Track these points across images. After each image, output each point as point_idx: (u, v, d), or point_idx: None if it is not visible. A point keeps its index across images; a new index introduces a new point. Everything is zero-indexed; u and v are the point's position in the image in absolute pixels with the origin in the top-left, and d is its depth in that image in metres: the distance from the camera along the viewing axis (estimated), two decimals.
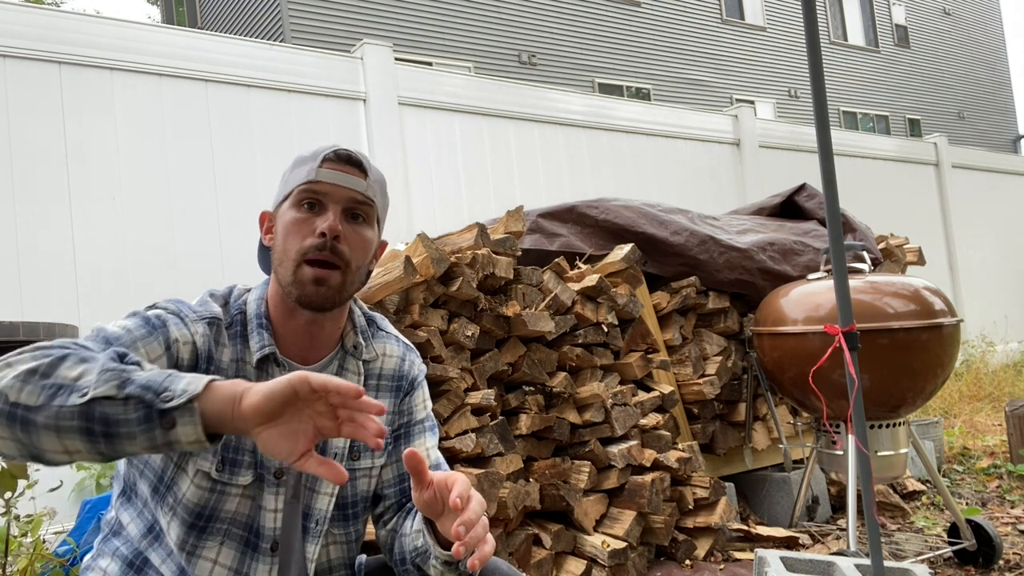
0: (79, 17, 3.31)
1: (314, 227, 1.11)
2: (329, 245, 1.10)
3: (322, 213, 1.12)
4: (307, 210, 1.12)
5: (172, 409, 0.84)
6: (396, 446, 1.27)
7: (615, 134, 5.24)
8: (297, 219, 1.12)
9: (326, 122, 3.94)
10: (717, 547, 2.65)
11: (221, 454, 1.10)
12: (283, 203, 1.16)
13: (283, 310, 1.16)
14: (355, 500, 1.23)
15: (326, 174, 1.12)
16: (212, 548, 1.10)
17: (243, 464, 1.11)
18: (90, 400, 0.84)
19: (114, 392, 0.84)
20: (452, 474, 1.01)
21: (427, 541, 1.09)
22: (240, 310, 1.17)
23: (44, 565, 2.05)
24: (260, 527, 1.13)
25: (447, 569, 1.10)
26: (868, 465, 1.93)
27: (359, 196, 1.14)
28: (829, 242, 1.95)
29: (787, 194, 3.89)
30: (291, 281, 1.11)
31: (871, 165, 7.04)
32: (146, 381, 0.86)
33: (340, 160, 1.14)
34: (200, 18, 12.99)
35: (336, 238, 1.10)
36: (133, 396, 0.84)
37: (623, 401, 2.66)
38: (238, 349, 1.14)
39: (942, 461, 3.87)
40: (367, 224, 1.16)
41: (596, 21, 12.29)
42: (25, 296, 2.98)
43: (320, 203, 1.12)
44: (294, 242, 1.11)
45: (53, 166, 3.13)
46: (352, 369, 1.22)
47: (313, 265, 1.10)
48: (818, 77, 1.86)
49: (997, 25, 19.96)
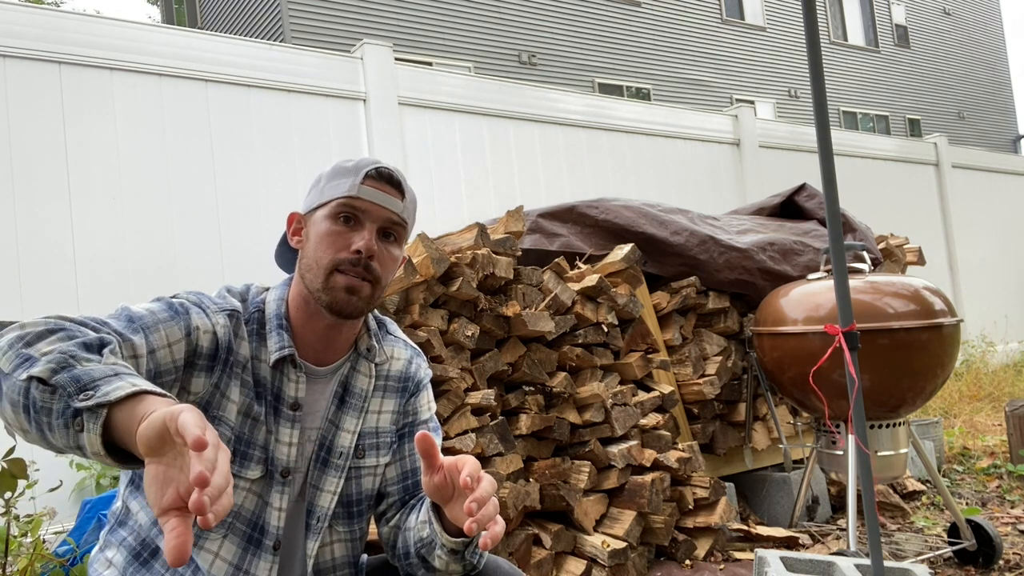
0: (79, 17, 3.31)
1: (349, 242, 1.13)
2: (364, 262, 1.12)
3: (358, 229, 1.14)
4: (343, 223, 1.14)
5: (81, 410, 0.77)
6: (400, 445, 1.28)
7: (615, 134, 5.23)
8: (333, 231, 1.14)
9: (326, 122, 3.94)
10: (717, 547, 2.65)
11: (233, 446, 1.10)
12: (318, 210, 1.17)
13: (304, 313, 1.17)
14: (359, 498, 1.24)
15: (367, 192, 1.14)
16: (215, 541, 1.11)
17: (253, 458, 1.12)
18: (28, 378, 0.80)
19: (47, 375, 0.80)
20: (462, 457, 1.02)
21: (434, 530, 1.10)
22: (258, 308, 1.18)
23: (44, 565, 2.05)
24: (265, 524, 1.13)
25: (452, 559, 1.10)
26: (868, 465, 1.93)
27: (395, 218, 1.16)
28: (829, 242, 1.95)
29: (787, 194, 3.89)
30: (321, 288, 1.13)
31: (871, 165, 7.03)
32: (83, 373, 0.80)
33: (382, 179, 1.16)
34: (200, 18, 12.99)
35: (371, 257, 1.13)
36: (60, 385, 0.79)
37: (623, 401, 2.66)
38: (254, 347, 1.15)
39: (942, 461, 3.87)
40: (397, 244, 1.19)
41: (596, 21, 12.29)
42: (25, 295, 2.98)
43: (357, 219, 1.14)
44: (328, 252, 1.13)
45: (53, 166, 3.13)
46: (363, 371, 1.24)
47: (346, 274, 1.12)
48: (818, 77, 1.86)
49: (997, 25, 19.96)
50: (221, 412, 1.10)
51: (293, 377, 1.16)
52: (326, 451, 1.19)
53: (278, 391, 1.15)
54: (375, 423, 1.25)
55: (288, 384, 1.16)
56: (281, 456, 1.14)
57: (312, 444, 1.19)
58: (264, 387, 1.15)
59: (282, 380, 1.16)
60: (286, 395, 1.15)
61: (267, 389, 1.15)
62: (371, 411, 1.25)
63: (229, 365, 1.11)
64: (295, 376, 1.16)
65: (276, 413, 1.15)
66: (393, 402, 1.28)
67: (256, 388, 1.14)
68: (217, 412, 1.10)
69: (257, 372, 1.14)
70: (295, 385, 1.16)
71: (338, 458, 1.19)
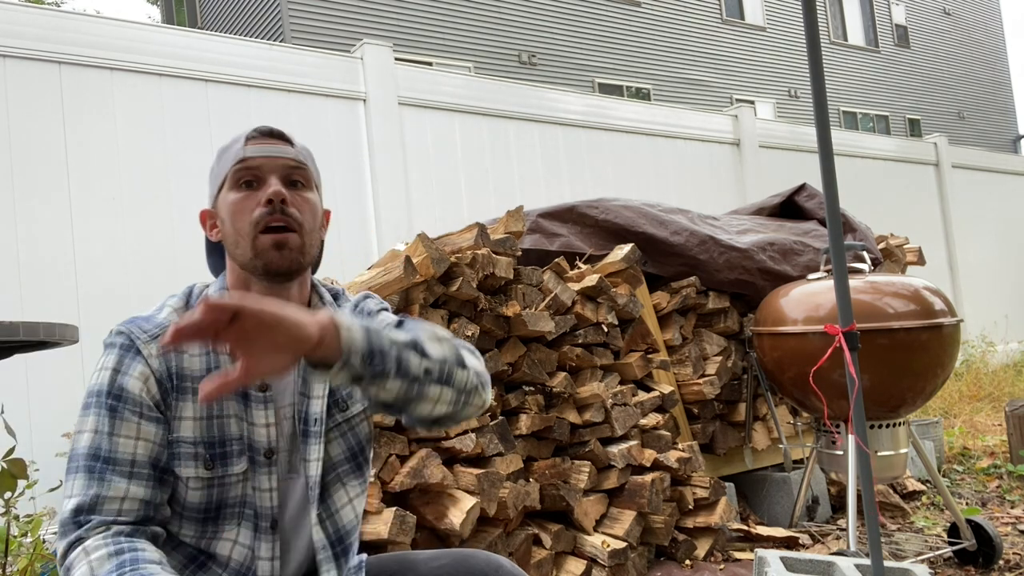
0: (79, 17, 3.31)
1: (259, 199, 1.11)
2: (279, 208, 1.10)
3: (262, 186, 1.12)
4: (247, 188, 1.12)
5: None
6: None
7: (615, 134, 5.24)
8: (239, 198, 1.12)
9: (326, 122, 3.94)
10: (717, 547, 2.65)
11: (207, 452, 1.10)
12: (220, 192, 1.15)
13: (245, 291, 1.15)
14: (362, 446, 1.24)
15: (254, 149, 1.13)
16: (231, 531, 1.12)
17: (234, 453, 1.12)
18: None
19: None
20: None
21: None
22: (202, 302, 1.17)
23: (44, 565, 2.05)
24: (258, 508, 1.14)
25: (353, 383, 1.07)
26: (868, 465, 1.93)
27: (292, 162, 1.14)
28: (829, 242, 1.95)
29: (787, 194, 3.89)
30: (252, 255, 1.10)
31: (871, 165, 7.04)
32: None
33: (263, 135, 1.15)
34: (200, 18, 12.99)
35: (283, 201, 1.10)
36: None
37: (623, 401, 2.66)
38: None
39: (942, 461, 3.87)
40: (307, 188, 1.16)
41: (596, 21, 12.29)
42: (25, 296, 2.98)
43: (257, 178, 1.13)
44: (244, 219, 1.11)
45: (53, 166, 3.13)
46: None
47: (269, 232, 1.10)
48: (818, 77, 1.86)
49: (997, 25, 19.97)
50: (178, 434, 1.09)
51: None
52: (303, 422, 1.18)
53: None
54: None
55: None
56: (261, 439, 1.13)
57: (289, 421, 1.18)
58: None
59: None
60: None
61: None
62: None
63: (175, 388, 1.09)
64: None
65: (245, 399, 1.13)
66: None
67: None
68: (175, 435, 1.09)
69: (213, 364, 1.12)
70: None
71: (314, 425, 1.18)
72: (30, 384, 2.93)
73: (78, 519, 1.00)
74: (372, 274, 2.44)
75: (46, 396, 2.95)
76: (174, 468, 1.08)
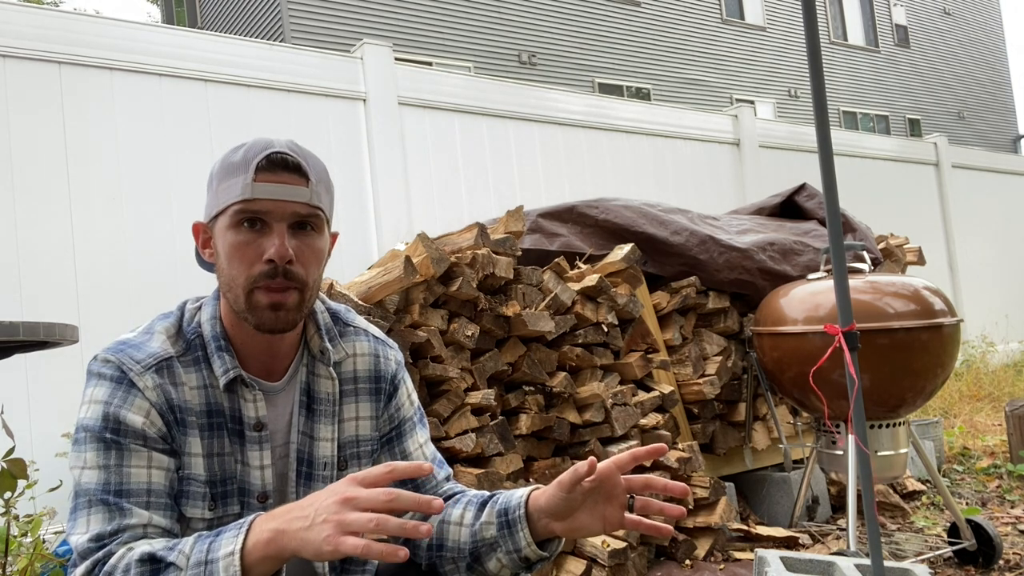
0: (79, 17, 3.31)
1: (261, 251, 1.00)
2: (281, 271, 1.00)
3: (266, 233, 1.01)
4: (248, 229, 1.00)
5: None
6: (389, 448, 1.22)
7: (615, 134, 5.23)
8: (239, 243, 1.01)
9: (326, 122, 3.94)
10: (717, 547, 2.65)
11: (211, 492, 1.05)
12: (218, 218, 1.03)
13: (240, 329, 1.07)
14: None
15: (263, 189, 0.99)
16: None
17: (234, 492, 1.07)
18: None
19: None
20: (614, 458, 0.99)
21: (518, 536, 1.03)
22: (196, 332, 1.08)
23: (44, 565, 2.05)
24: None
25: (519, 565, 1.05)
26: (868, 465, 1.93)
27: (304, 209, 1.02)
28: (829, 242, 1.95)
29: (787, 194, 3.89)
30: (244, 308, 1.02)
31: (871, 165, 7.03)
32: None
33: (276, 167, 1.00)
34: (200, 18, 12.99)
35: (289, 262, 1.00)
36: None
37: (623, 401, 2.66)
38: (204, 375, 1.06)
39: (942, 461, 3.87)
40: (317, 232, 1.05)
41: (596, 21, 12.29)
42: (25, 296, 2.98)
43: (262, 221, 1.01)
44: (241, 269, 1.01)
45: (53, 166, 3.13)
46: (324, 374, 1.14)
47: (267, 291, 1.01)
48: (818, 77, 1.86)
49: (997, 25, 19.97)
50: (189, 471, 1.03)
51: (249, 397, 1.07)
52: (307, 465, 1.12)
53: (238, 415, 1.07)
54: (354, 431, 1.17)
55: (246, 405, 1.07)
56: (255, 481, 1.07)
57: (288, 461, 1.12)
58: (223, 415, 1.06)
59: (239, 402, 1.07)
60: (247, 417, 1.07)
61: (226, 416, 1.06)
62: (346, 419, 1.17)
63: (178, 422, 1.03)
64: (251, 396, 1.07)
65: (241, 438, 1.07)
66: (369, 407, 1.19)
67: (215, 419, 1.06)
68: (186, 472, 1.03)
69: (211, 400, 1.06)
70: (253, 404, 1.08)
71: (323, 469, 1.13)
72: (30, 384, 2.93)
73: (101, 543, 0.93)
74: (372, 274, 2.44)
75: (46, 396, 2.95)
76: (180, 507, 1.02)
